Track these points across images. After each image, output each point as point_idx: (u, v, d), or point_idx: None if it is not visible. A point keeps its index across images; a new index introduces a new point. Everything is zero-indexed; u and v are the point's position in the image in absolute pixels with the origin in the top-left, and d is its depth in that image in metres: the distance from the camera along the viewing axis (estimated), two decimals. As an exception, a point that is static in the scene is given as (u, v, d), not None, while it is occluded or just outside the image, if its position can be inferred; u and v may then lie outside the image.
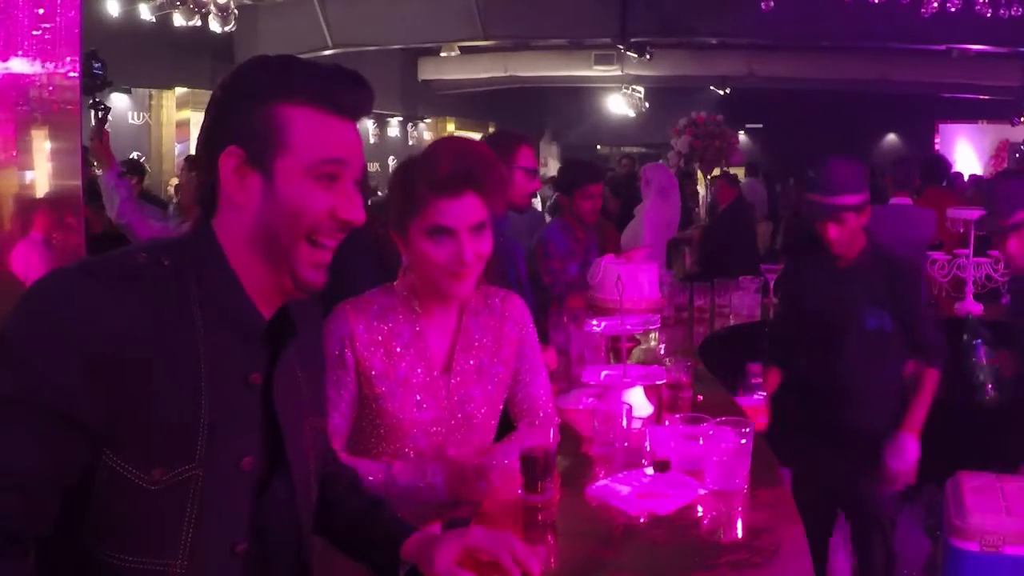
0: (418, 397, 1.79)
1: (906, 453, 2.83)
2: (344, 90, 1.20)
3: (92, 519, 1.09)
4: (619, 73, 12.15)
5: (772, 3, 7.51)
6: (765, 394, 2.76)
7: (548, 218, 7.25)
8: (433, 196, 1.68)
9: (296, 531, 1.29)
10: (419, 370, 1.79)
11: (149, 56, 8.47)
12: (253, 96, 1.16)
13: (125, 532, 1.09)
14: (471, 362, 1.84)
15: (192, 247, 1.17)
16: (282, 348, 1.23)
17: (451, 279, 1.71)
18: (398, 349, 1.79)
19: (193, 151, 1.29)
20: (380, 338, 1.78)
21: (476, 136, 12.22)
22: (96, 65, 3.72)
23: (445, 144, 1.82)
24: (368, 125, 12.60)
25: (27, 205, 2.57)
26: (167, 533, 1.11)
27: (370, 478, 1.71)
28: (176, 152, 9.97)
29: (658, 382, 2.34)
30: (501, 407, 1.92)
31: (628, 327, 2.47)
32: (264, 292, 1.20)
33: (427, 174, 1.70)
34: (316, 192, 1.16)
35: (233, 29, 8.17)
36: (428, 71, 13.51)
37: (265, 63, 1.19)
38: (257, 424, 1.19)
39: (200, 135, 1.20)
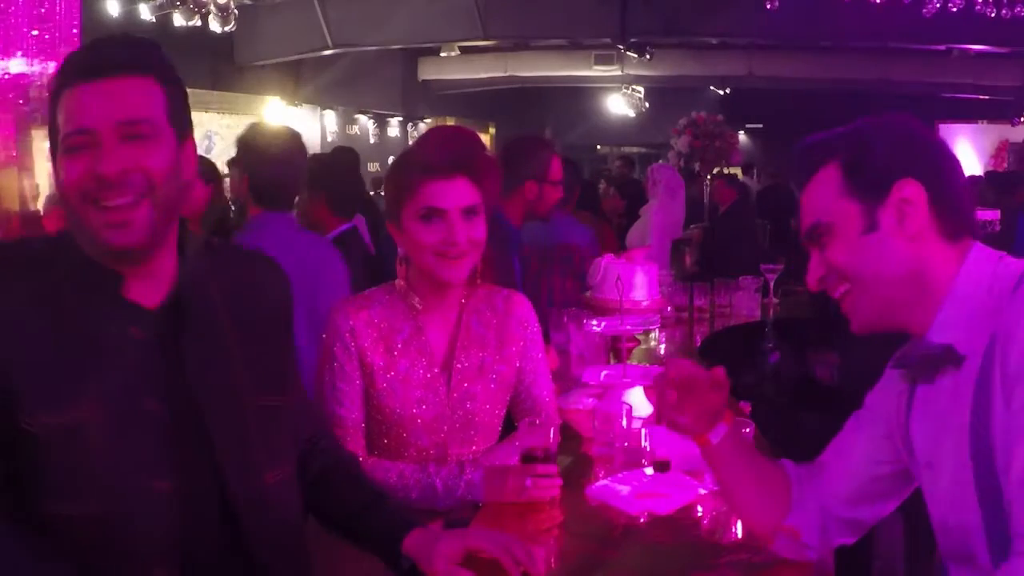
0: (419, 394, 1.79)
1: None
2: (86, 54, 1.24)
3: (26, 477, 1.17)
4: (619, 73, 12.14)
5: (777, 2, 7.51)
6: None
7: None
8: (424, 179, 1.70)
9: (218, 469, 1.28)
10: (420, 367, 1.80)
11: (149, 56, 8.45)
12: (53, 84, 1.24)
13: (37, 479, 1.17)
14: (472, 360, 1.84)
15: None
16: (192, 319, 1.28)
17: (443, 262, 1.72)
18: (399, 345, 1.79)
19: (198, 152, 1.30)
20: (381, 334, 1.79)
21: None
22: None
23: (436, 131, 1.84)
24: (368, 125, 12.60)
25: (31, 207, 2.57)
26: (73, 476, 1.17)
27: (401, 477, 1.71)
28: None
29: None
30: (505, 407, 1.91)
31: (628, 327, 2.47)
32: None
33: (418, 159, 1.74)
34: (67, 163, 1.20)
35: (233, 29, 8.16)
36: (428, 71, 13.50)
37: (75, 52, 1.30)
38: (153, 372, 1.23)
39: None
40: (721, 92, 14.18)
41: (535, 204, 3.20)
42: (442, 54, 11.83)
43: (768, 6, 7.55)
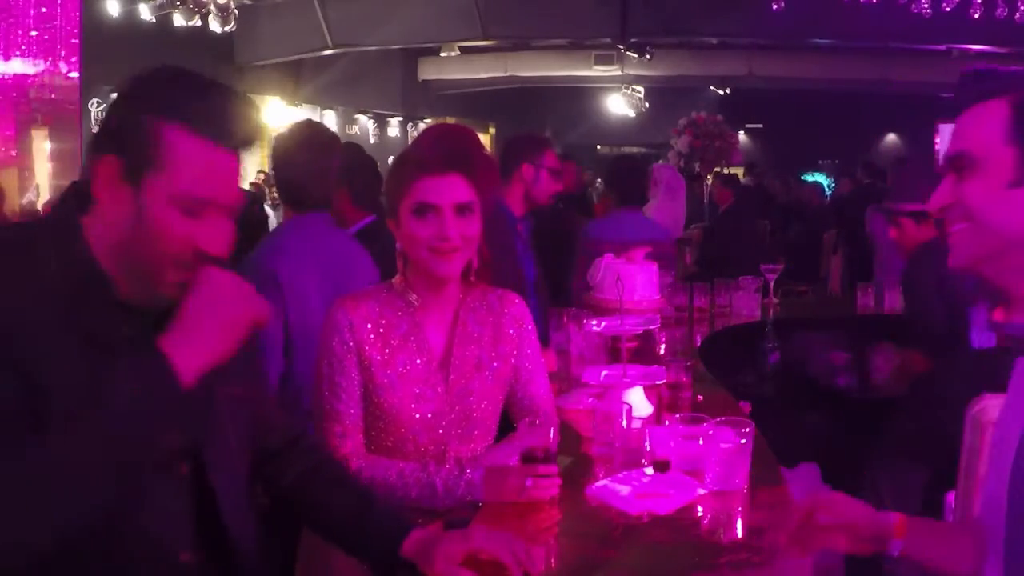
0: (417, 390, 1.79)
1: None
2: (231, 119, 1.17)
3: None
4: (619, 73, 12.15)
5: (784, 3, 7.51)
6: None
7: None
8: (418, 175, 1.72)
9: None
10: (418, 362, 1.80)
11: (149, 56, 8.44)
12: (140, 107, 1.14)
13: None
14: (469, 356, 1.85)
15: (51, 227, 1.18)
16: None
17: (435, 257, 1.73)
18: (396, 341, 1.80)
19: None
20: (379, 330, 1.79)
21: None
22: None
23: (433, 128, 1.86)
24: (368, 125, 12.61)
25: (30, 205, 2.57)
26: None
27: (400, 476, 1.71)
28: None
29: (658, 382, 2.34)
30: (501, 404, 1.92)
31: (628, 327, 2.47)
32: (126, 285, 1.20)
33: (414, 156, 1.76)
34: (179, 221, 1.14)
35: (233, 29, 8.17)
36: (428, 71, 13.52)
37: (160, 74, 1.17)
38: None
39: (97, 130, 1.20)
40: (721, 92, 14.19)
41: (532, 188, 3.31)
42: (442, 54, 11.84)
43: (774, 7, 7.55)
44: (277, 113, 10.70)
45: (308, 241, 2.49)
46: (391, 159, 1.93)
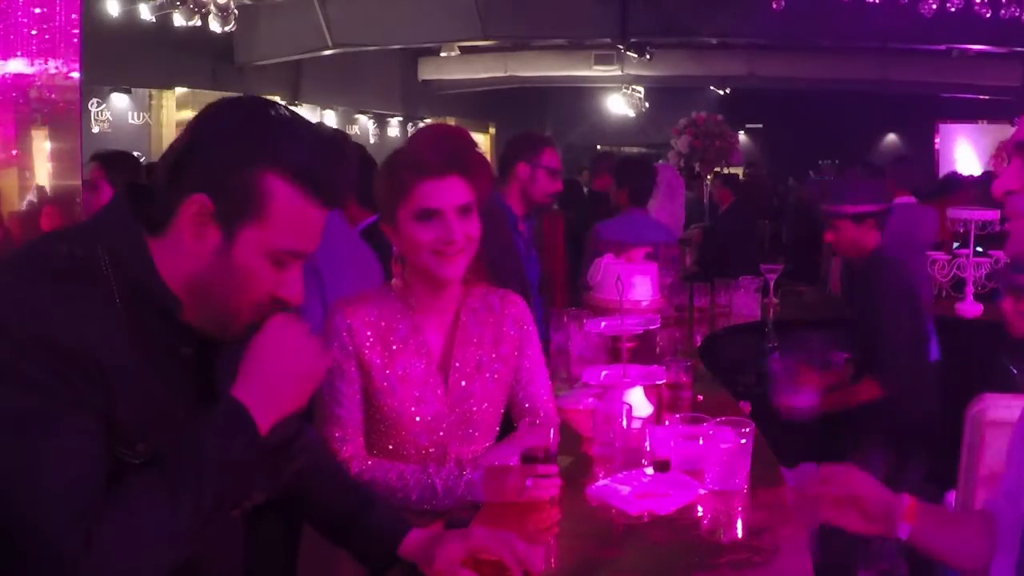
0: (417, 393, 1.79)
1: None
2: (329, 173, 1.16)
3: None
4: (619, 73, 12.14)
5: (783, 2, 7.51)
6: None
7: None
8: (418, 179, 1.71)
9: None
10: (418, 365, 1.80)
11: (149, 56, 8.45)
12: (241, 151, 1.11)
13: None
14: (470, 358, 1.84)
15: (115, 238, 1.14)
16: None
17: (440, 260, 1.73)
18: (396, 345, 1.79)
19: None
20: (378, 333, 1.79)
21: (477, 136, 12.21)
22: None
23: (427, 130, 1.85)
24: (368, 125, 12.60)
25: (31, 207, 2.57)
26: None
27: (400, 478, 1.71)
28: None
29: (658, 382, 2.34)
30: (503, 405, 1.92)
31: (628, 327, 2.47)
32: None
33: (410, 159, 1.74)
34: (268, 271, 1.14)
35: (233, 29, 8.16)
36: (428, 71, 13.50)
37: (257, 118, 1.14)
38: (190, 398, 1.19)
39: (171, 151, 1.15)
40: (721, 92, 14.18)
41: (529, 188, 3.31)
42: (442, 54, 11.83)
43: (774, 6, 7.55)
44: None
45: (340, 236, 2.53)
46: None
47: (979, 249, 4.40)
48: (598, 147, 17.87)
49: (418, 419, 1.79)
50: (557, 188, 3.43)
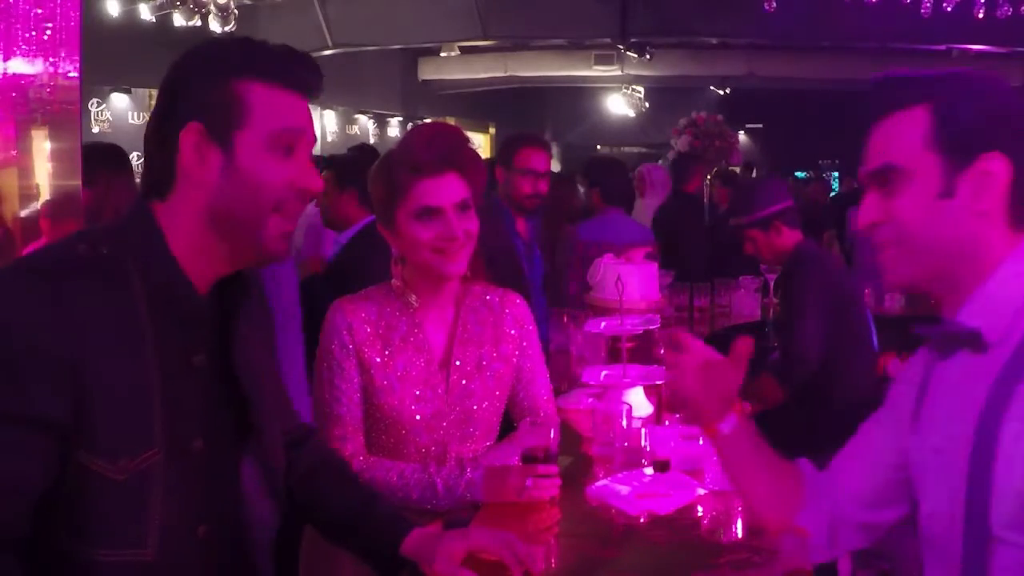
0: (417, 392, 1.79)
1: None
2: (297, 67, 1.22)
3: (64, 517, 1.09)
4: (619, 73, 12.13)
5: (775, 4, 7.51)
6: None
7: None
8: (416, 179, 1.72)
9: (264, 509, 1.29)
10: (418, 363, 1.80)
11: (149, 56, 8.42)
12: (211, 72, 1.18)
13: (97, 526, 1.10)
14: (470, 357, 1.84)
15: (130, 232, 1.18)
16: (234, 318, 1.24)
17: (442, 257, 1.73)
18: (396, 343, 1.79)
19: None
20: (378, 332, 1.79)
21: (477, 136, 12.20)
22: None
23: (420, 129, 1.85)
24: (368, 125, 12.59)
25: (31, 208, 2.57)
26: (136, 522, 1.12)
27: (401, 477, 1.71)
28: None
29: (658, 382, 2.34)
30: (503, 404, 1.92)
31: (628, 327, 2.47)
32: (210, 270, 1.21)
33: (407, 159, 1.74)
34: (275, 164, 1.18)
35: (233, 29, 8.15)
36: (428, 71, 13.50)
37: (219, 43, 1.23)
38: (209, 404, 1.19)
39: (153, 117, 1.21)
40: (721, 92, 14.17)
41: (509, 190, 3.28)
42: (442, 54, 11.82)
43: (766, 7, 7.55)
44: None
45: (288, 286, 2.68)
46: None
47: None
48: (598, 147, 17.89)
49: (418, 417, 1.79)
50: (540, 190, 3.31)
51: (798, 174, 12.45)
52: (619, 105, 13.76)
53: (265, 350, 1.36)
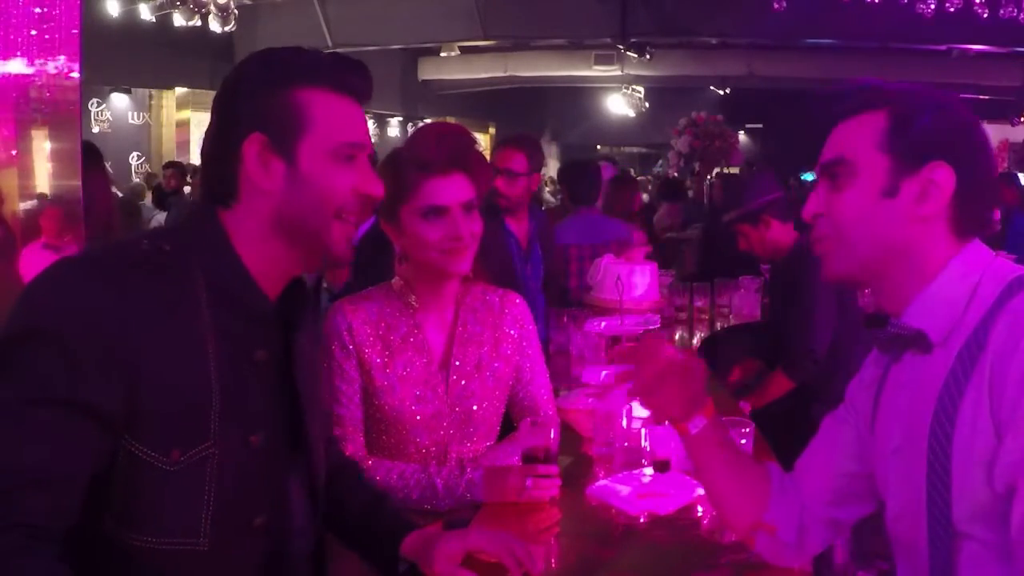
0: (417, 392, 1.79)
1: None
2: (352, 75, 1.24)
3: (114, 505, 1.10)
4: (619, 73, 12.15)
5: (784, 3, 7.52)
6: None
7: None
8: (423, 178, 1.71)
9: (312, 505, 1.32)
10: (418, 364, 1.80)
11: (149, 56, 8.47)
12: (270, 83, 1.18)
13: (147, 514, 1.11)
14: (470, 357, 1.84)
15: (195, 234, 1.20)
16: (294, 328, 1.26)
17: (448, 257, 1.73)
18: (396, 343, 1.79)
19: (197, 149, 1.32)
20: (379, 332, 1.79)
21: (478, 136, 12.17)
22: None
23: (428, 129, 1.85)
24: (368, 125, 12.63)
25: (31, 208, 2.57)
26: (188, 512, 1.12)
27: (401, 477, 1.72)
28: (176, 152, 9.97)
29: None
30: (503, 404, 1.92)
31: (628, 327, 2.47)
32: (275, 274, 1.22)
33: (415, 158, 1.74)
34: (339, 172, 1.19)
35: (233, 29, 8.17)
36: (428, 71, 13.53)
37: (275, 52, 1.23)
38: (267, 401, 1.21)
39: (212, 129, 1.22)
40: (721, 92, 14.19)
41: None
42: (442, 54, 11.84)
43: (774, 7, 7.56)
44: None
45: None
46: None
47: None
48: (598, 147, 17.90)
49: (418, 418, 1.79)
50: (514, 191, 3.27)
51: (805, 177, 12.44)
52: (619, 105, 13.77)
53: (317, 360, 1.40)
